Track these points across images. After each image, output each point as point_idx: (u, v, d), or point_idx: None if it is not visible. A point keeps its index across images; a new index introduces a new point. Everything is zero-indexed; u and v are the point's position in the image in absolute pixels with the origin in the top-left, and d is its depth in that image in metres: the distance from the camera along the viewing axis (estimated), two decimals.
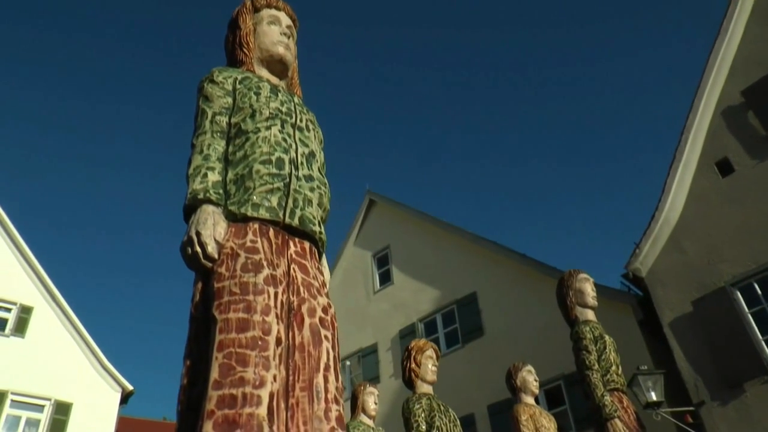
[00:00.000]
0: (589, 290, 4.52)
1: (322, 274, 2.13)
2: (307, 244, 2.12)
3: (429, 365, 4.61)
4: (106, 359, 20.18)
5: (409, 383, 4.61)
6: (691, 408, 10.31)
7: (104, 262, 71.53)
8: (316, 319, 1.92)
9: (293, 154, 2.17)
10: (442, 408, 4.37)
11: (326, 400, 1.79)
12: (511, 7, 70.34)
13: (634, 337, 12.26)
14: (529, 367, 5.40)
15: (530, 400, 5.25)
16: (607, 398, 3.88)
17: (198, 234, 1.91)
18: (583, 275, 4.61)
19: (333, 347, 1.92)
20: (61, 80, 66.07)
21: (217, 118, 2.22)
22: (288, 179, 2.09)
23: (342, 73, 75.83)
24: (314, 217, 2.14)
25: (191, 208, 2.02)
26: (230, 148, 2.17)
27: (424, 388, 4.53)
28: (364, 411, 5.59)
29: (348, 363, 18.42)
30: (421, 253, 17.80)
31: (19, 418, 18.04)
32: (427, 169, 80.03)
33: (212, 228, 1.92)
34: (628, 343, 12.17)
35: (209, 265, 1.90)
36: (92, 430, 18.38)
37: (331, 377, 1.85)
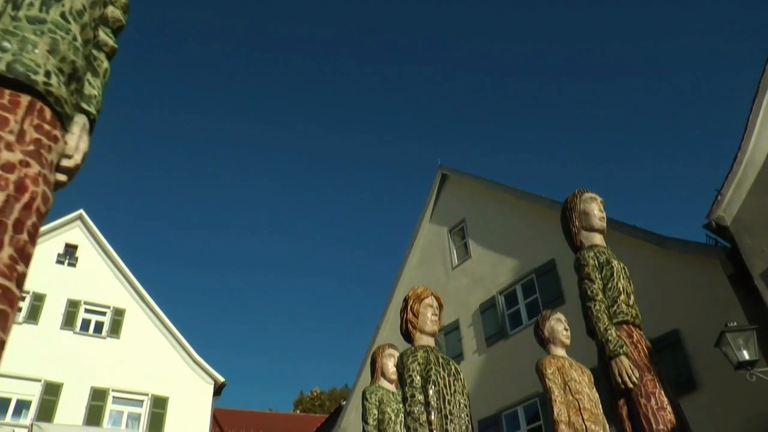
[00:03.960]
0: (596, 211, 3.80)
1: (44, 134, 1.60)
2: (25, 98, 1.60)
3: (428, 314, 4.05)
4: (196, 353, 20.83)
5: (407, 336, 4.12)
6: None
7: (185, 259, 74.41)
8: None
9: None
10: (441, 361, 3.87)
11: None
12: None
13: (726, 294, 11.14)
14: (559, 316, 4.80)
15: (560, 351, 4.66)
16: (612, 332, 3.25)
17: None
18: (589, 194, 3.89)
19: (4, 211, 1.43)
20: (142, 89, 69.06)
21: None
22: None
23: (410, 51, 75.20)
24: (39, 65, 1.63)
25: None
26: None
27: (423, 340, 4.01)
28: (384, 375, 5.28)
29: None
30: (496, 224, 17.13)
31: (121, 413, 18.93)
32: (497, 137, 78.53)
33: None
34: (719, 301, 11.12)
35: None
36: (189, 421, 18.96)
37: None
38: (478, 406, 15.66)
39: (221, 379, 20.78)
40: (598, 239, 3.74)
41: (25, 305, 19.27)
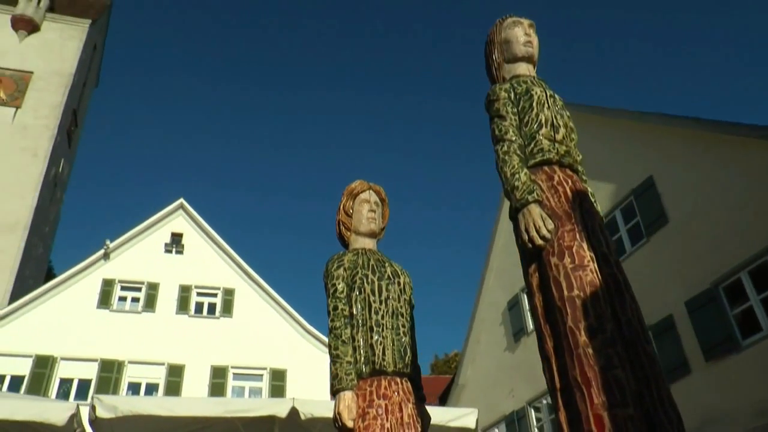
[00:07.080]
0: (520, 36, 2.84)
1: None
2: None
3: (364, 211, 3.42)
4: (307, 323, 21.07)
5: (341, 240, 3.49)
6: None
7: (285, 232, 75.49)
8: None
9: None
10: (371, 263, 3.22)
11: None
12: None
13: None
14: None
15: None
16: (521, 176, 2.38)
17: None
18: (512, 19, 2.93)
19: None
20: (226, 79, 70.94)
21: None
22: None
23: None
24: None
25: None
26: None
27: (359, 242, 3.38)
28: None
29: None
30: (585, 149, 15.72)
31: (243, 388, 19.53)
32: (575, 56, 73.57)
33: None
34: None
35: None
36: (310, 389, 19.17)
37: None
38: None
39: None
40: (523, 69, 2.85)
41: (142, 295, 20.32)
